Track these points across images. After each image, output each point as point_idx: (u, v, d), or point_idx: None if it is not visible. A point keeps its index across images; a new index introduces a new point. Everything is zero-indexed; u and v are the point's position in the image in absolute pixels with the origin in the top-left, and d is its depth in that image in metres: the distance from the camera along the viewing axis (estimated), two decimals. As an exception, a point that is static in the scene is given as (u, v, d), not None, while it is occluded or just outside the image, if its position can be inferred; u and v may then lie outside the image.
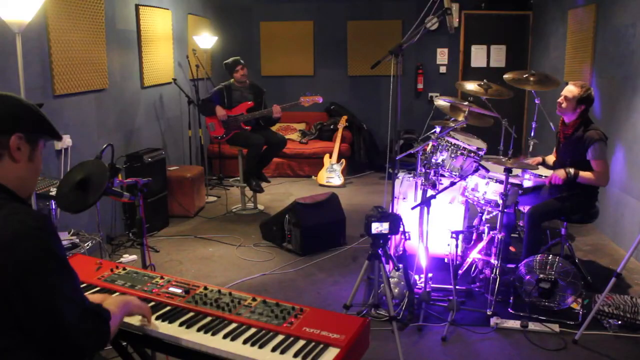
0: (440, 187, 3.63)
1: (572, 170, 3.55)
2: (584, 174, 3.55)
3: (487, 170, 3.74)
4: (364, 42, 7.68)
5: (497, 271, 3.47)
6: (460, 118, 4.19)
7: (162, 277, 2.08)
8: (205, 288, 1.98)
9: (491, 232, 3.70)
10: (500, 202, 3.47)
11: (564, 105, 3.64)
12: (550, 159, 4.04)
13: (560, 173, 3.57)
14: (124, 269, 2.16)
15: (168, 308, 1.86)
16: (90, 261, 2.23)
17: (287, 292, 3.78)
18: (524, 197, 3.95)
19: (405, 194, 4.14)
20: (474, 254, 3.77)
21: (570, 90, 3.62)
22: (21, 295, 1.31)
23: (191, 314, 1.83)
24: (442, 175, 3.77)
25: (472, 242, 4.07)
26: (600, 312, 3.28)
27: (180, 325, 1.76)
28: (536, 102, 4.77)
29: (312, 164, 7.15)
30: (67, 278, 1.41)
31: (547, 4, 6.76)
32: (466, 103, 4.03)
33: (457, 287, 3.54)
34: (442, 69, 7.72)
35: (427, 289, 3.47)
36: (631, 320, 3.23)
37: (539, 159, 4.06)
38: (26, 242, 1.31)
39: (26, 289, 1.31)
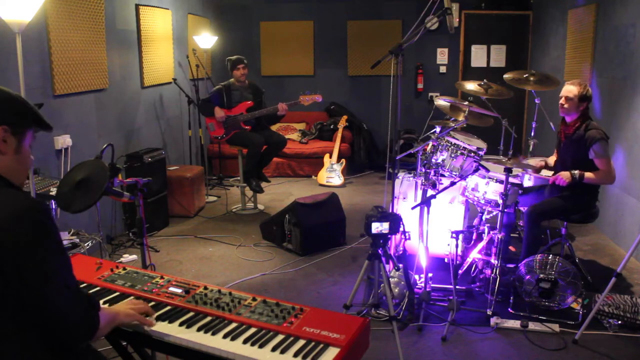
0: (440, 187, 3.63)
1: (577, 173, 3.51)
2: (589, 175, 3.53)
3: (487, 170, 3.74)
4: (364, 42, 7.68)
5: (497, 271, 3.47)
6: (460, 118, 4.19)
7: (162, 277, 2.08)
8: (205, 288, 1.98)
9: (491, 232, 3.70)
10: (500, 202, 3.47)
11: (566, 106, 3.62)
12: (551, 159, 4.03)
13: (565, 175, 3.53)
14: (124, 268, 2.16)
15: (168, 308, 1.86)
16: (90, 261, 2.23)
17: (287, 292, 3.78)
18: (524, 197, 3.95)
19: (405, 194, 4.14)
20: (474, 254, 3.78)
21: (571, 90, 3.60)
22: (17, 274, 1.34)
23: (191, 313, 1.83)
24: (442, 175, 3.77)
25: (472, 242, 4.08)
26: (600, 312, 3.28)
27: (180, 325, 1.76)
28: (536, 102, 4.77)
29: (312, 163, 7.15)
30: (61, 260, 1.45)
31: (547, 4, 6.76)
32: (466, 103, 4.03)
33: (457, 287, 3.54)
34: (442, 69, 7.72)
35: (427, 289, 3.47)
36: (631, 320, 3.23)
37: (542, 163, 4.00)
38: (23, 223, 1.35)
39: (22, 267, 1.34)
